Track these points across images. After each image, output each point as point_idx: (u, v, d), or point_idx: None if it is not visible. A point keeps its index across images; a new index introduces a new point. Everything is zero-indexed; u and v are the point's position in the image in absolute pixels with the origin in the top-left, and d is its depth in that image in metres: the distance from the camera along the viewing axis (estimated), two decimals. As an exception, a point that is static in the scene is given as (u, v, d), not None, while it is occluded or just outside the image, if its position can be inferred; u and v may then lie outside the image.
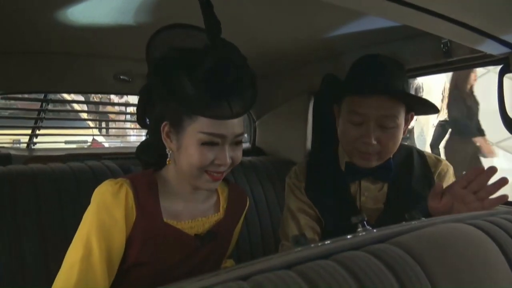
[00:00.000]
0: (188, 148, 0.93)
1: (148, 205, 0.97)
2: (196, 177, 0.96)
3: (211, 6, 0.89)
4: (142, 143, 1.07)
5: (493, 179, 0.99)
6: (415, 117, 1.27)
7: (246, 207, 1.18)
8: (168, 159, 1.00)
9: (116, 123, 3.81)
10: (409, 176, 1.23)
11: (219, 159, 0.94)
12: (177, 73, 0.90)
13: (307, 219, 1.24)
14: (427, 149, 4.59)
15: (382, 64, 1.18)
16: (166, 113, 0.96)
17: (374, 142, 1.14)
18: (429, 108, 1.21)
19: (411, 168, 1.25)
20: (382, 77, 1.15)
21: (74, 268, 0.90)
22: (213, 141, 0.92)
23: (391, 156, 1.23)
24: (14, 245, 1.24)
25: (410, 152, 1.29)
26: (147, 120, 1.04)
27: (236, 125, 0.94)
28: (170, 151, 0.99)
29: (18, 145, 2.40)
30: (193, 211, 1.04)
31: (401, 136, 1.19)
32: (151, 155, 1.05)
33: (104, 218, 0.93)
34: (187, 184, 1.01)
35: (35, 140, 2.06)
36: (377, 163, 1.20)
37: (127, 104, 4.22)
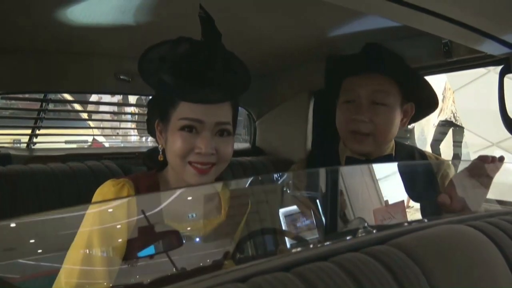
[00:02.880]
0: (170, 137, 0.95)
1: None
2: (181, 169, 0.96)
3: (212, 21, 0.92)
4: (150, 149, 1.09)
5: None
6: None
7: (248, 210, 1.17)
8: (159, 155, 1.01)
9: (115, 122, 3.81)
10: (412, 177, 1.23)
11: (198, 147, 0.93)
12: (157, 64, 0.94)
13: None
14: (428, 149, 4.58)
15: (376, 46, 1.23)
16: (157, 110, 0.99)
17: (365, 119, 1.16)
18: (424, 92, 1.21)
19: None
20: (373, 56, 1.20)
21: (75, 268, 0.90)
22: (190, 125, 0.93)
23: (393, 154, 1.23)
24: (14, 245, 1.24)
25: (411, 153, 1.29)
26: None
27: (217, 113, 0.94)
28: (162, 147, 1.00)
29: (18, 145, 2.40)
30: (194, 214, 1.03)
31: (396, 121, 1.19)
32: (157, 161, 1.04)
33: (105, 218, 0.92)
34: (185, 184, 1.00)
35: (35, 140, 2.06)
36: (372, 147, 1.20)
37: (125, 104, 4.20)
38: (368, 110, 1.16)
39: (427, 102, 1.26)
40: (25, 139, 2.08)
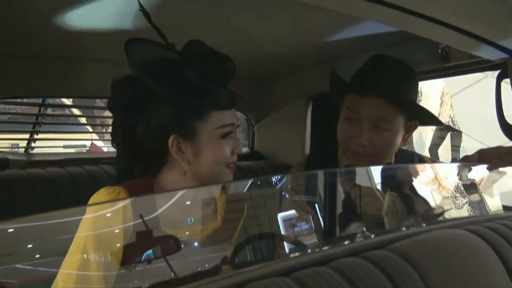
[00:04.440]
0: (209, 149, 0.95)
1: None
2: (218, 174, 0.98)
3: (148, 16, 0.96)
4: (124, 167, 1.03)
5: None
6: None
7: (244, 214, 1.17)
8: (184, 172, 0.98)
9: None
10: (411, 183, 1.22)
11: (237, 148, 0.99)
12: (183, 71, 0.93)
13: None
14: (426, 154, 4.59)
15: (386, 66, 1.19)
16: (170, 125, 0.94)
17: (365, 143, 1.14)
18: (428, 117, 1.20)
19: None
20: (381, 79, 1.15)
21: (71, 277, 0.89)
22: (230, 131, 0.96)
23: (392, 162, 1.23)
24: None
25: (411, 158, 1.28)
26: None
27: (235, 112, 0.99)
28: (186, 163, 0.96)
29: (16, 149, 2.40)
30: (190, 219, 1.03)
31: (397, 142, 1.18)
32: (136, 176, 1.01)
33: (101, 226, 0.92)
34: (186, 192, 1.00)
35: (33, 144, 2.06)
36: (370, 164, 1.18)
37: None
38: (368, 132, 1.13)
39: (430, 121, 1.25)
40: (24, 143, 2.08)
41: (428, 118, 1.21)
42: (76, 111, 3.39)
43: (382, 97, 1.12)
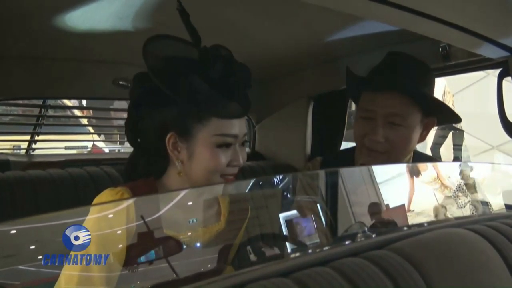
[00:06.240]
0: (202, 154, 0.93)
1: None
2: (211, 183, 0.96)
3: (187, 15, 0.93)
4: (131, 163, 1.04)
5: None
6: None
7: (248, 216, 1.16)
8: (178, 172, 0.98)
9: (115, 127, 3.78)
10: None
11: (235, 160, 0.95)
12: (189, 74, 0.91)
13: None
14: (428, 152, 4.58)
15: (400, 61, 1.18)
16: (170, 122, 0.95)
17: (381, 139, 1.13)
18: (445, 111, 1.19)
19: None
20: (393, 74, 1.15)
21: (73, 280, 0.89)
22: (227, 142, 0.93)
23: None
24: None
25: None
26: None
27: (243, 124, 0.97)
28: (180, 163, 0.97)
29: (17, 151, 2.40)
30: (193, 220, 1.03)
31: (414, 139, 1.16)
32: (141, 173, 1.02)
33: (103, 228, 0.91)
34: (190, 193, 1.00)
35: (34, 146, 2.06)
36: (385, 163, 1.18)
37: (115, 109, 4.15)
38: (384, 129, 1.13)
39: (449, 117, 1.24)
40: (25, 145, 2.08)
41: (445, 112, 1.20)
42: (77, 112, 3.40)
43: (395, 91, 1.12)
